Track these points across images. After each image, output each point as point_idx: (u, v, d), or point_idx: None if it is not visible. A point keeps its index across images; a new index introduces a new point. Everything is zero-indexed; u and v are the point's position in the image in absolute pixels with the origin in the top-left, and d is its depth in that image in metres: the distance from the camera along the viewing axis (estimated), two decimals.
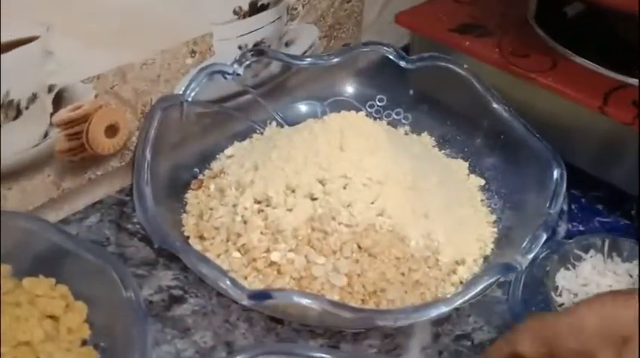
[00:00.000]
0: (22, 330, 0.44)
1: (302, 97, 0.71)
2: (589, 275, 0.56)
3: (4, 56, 0.50)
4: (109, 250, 0.58)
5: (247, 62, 0.65)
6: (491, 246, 0.60)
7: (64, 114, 0.56)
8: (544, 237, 0.54)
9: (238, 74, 0.65)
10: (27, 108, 0.53)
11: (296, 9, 0.69)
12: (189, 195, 0.62)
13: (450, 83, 0.67)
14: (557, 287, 0.56)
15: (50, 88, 0.54)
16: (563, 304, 0.55)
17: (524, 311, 0.54)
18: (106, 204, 0.62)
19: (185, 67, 0.62)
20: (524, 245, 0.54)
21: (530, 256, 0.53)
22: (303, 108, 0.71)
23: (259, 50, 0.66)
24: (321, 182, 0.57)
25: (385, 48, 0.69)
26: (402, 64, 0.69)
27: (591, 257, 0.57)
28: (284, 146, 0.60)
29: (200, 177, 0.64)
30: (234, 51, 0.65)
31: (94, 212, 0.61)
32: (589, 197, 0.65)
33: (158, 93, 0.61)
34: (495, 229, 0.61)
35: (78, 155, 0.58)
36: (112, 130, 0.60)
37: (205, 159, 0.66)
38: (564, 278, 0.56)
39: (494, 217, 0.62)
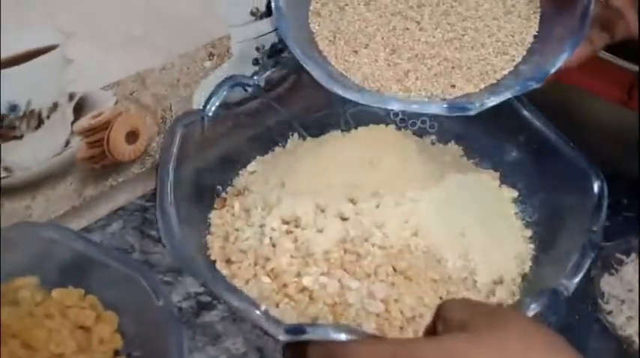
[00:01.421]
0: (55, 342, 0.44)
1: (321, 105, 0.67)
2: (632, 280, 0.54)
3: (24, 66, 0.49)
4: (133, 257, 0.57)
5: (268, 72, 0.63)
6: (530, 263, 0.57)
7: (85, 122, 0.55)
8: (590, 257, 0.51)
9: (259, 85, 0.62)
10: (48, 117, 0.52)
11: None
12: (213, 215, 0.60)
13: None
14: (602, 294, 0.54)
15: (71, 97, 0.53)
16: (611, 311, 0.53)
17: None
18: (128, 211, 0.62)
19: (204, 70, 0.62)
20: (570, 266, 0.51)
21: (577, 280, 0.50)
22: (323, 116, 0.67)
23: (278, 60, 0.65)
24: (352, 201, 0.55)
25: None
26: None
27: (632, 261, 0.56)
28: (310, 162, 0.59)
29: (223, 195, 0.61)
30: (252, 52, 0.65)
31: (117, 219, 0.61)
32: (613, 191, 0.64)
33: (177, 98, 0.61)
34: (532, 245, 0.59)
35: (99, 162, 0.58)
36: (132, 136, 0.59)
37: (227, 175, 0.63)
38: (609, 285, 0.55)
39: (529, 232, 0.60)
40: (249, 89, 0.61)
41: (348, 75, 0.54)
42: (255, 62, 0.66)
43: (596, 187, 0.56)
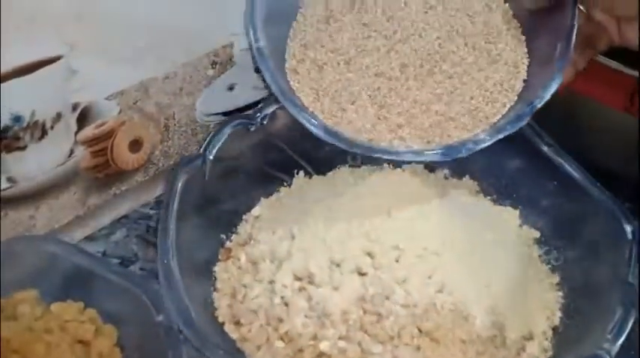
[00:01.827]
0: (54, 357, 0.44)
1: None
2: None
3: (28, 77, 0.50)
4: (137, 266, 0.58)
5: (271, 110, 0.60)
6: (559, 314, 0.53)
7: (88, 131, 0.56)
8: (632, 318, 0.46)
9: (263, 124, 0.60)
10: (52, 128, 0.53)
11: None
12: (219, 268, 0.56)
13: None
14: None
15: (74, 107, 0.54)
16: None
17: None
18: (131, 219, 0.62)
19: (207, 78, 0.62)
20: (610, 327, 0.46)
21: (619, 343, 0.46)
22: (329, 151, 0.60)
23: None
24: (370, 254, 0.52)
25: None
26: None
27: None
28: (321, 211, 0.55)
29: (228, 244, 0.58)
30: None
31: (120, 227, 0.61)
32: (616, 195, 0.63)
33: (180, 106, 0.61)
34: (561, 293, 0.55)
35: (103, 171, 0.58)
36: (135, 145, 0.60)
37: (231, 221, 0.59)
38: None
39: (557, 278, 0.56)
40: (253, 128, 0.59)
41: (338, 129, 0.51)
42: (258, 70, 0.66)
43: (628, 231, 0.51)
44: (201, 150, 0.57)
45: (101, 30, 0.53)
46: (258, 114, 0.60)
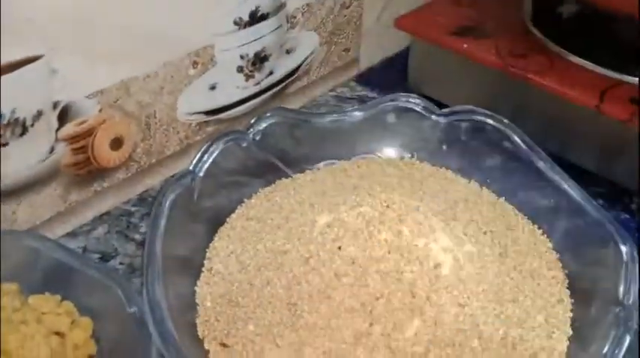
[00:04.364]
0: (30, 348, 0.45)
1: (321, 156, 0.63)
2: None
3: (9, 76, 0.51)
4: (117, 261, 0.59)
5: (265, 125, 0.59)
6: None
7: (69, 128, 0.57)
8: (627, 340, 0.45)
9: (255, 139, 0.58)
10: (32, 125, 0.54)
11: (295, 17, 0.70)
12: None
13: (488, 138, 0.60)
14: None
15: (55, 105, 0.55)
16: None
17: None
18: (113, 216, 0.63)
19: (188, 78, 0.63)
20: (604, 352, 0.45)
21: None
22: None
23: (275, 110, 0.61)
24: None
25: (412, 100, 0.62)
26: (433, 117, 0.61)
27: None
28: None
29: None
30: (236, 60, 0.66)
31: (102, 223, 0.62)
32: (590, 192, 0.61)
33: (162, 105, 0.62)
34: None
35: (84, 168, 0.59)
36: (116, 143, 0.61)
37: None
38: None
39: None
40: (245, 144, 0.58)
41: None
42: (240, 70, 0.68)
43: (624, 253, 0.49)
44: (191, 167, 0.55)
45: (82, 30, 0.54)
46: (251, 129, 0.59)
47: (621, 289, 0.47)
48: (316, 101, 0.78)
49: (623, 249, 0.49)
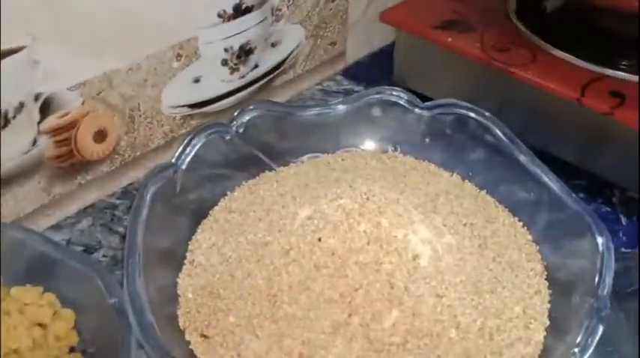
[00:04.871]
0: (12, 339, 0.45)
1: (305, 149, 0.64)
2: None
3: None
4: (100, 254, 0.59)
5: (248, 118, 0.59)
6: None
7: (52, 121, 0.57)
8: (600, 330, 0.45)
9: (238, 132, 0.58)
10: (14, 117, 0.54)
11: (280, 10, 0.70)
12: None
13: (470, 131, 0.60)
14: None
15: (37, 97, 0.55)
16: None
17: None
18: (97, 208, 0.63)
19: (172, 70, 0.63)
20: (578, 341, 0.45)
21: (588, 355, 0.45)
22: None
23: (257, 106, 0.61)
24: None
25: (396, 93, 0.62)
26: (417, 111, 0.62)
27: None
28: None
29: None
30: (220, 53, 0.67)
31: (86, 216, 0.62)
32: (571, 185, 0.60)
33: (145, 97, 0.62)
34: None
35: (67, 161, 0.59)
36: (100, 136, 0.61)
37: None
38: None
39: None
40: (228, 137, 0.58)
41: None
42: (224, 63, 0.68)
43: (600, 244, 0.50)
44: (174, 159, 0.55)
45: (64, 21, 0.54)
46: (234, 122, 0.59)
47: (597, 280, 0.48)
48: (303, 95, 0.78)
49: (599, 240, 0.50)
